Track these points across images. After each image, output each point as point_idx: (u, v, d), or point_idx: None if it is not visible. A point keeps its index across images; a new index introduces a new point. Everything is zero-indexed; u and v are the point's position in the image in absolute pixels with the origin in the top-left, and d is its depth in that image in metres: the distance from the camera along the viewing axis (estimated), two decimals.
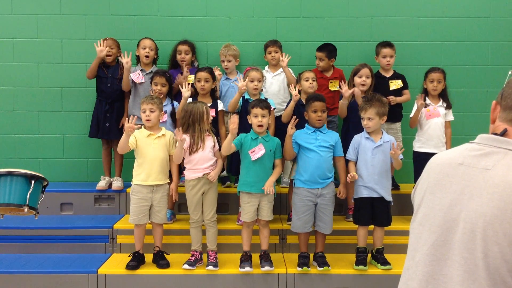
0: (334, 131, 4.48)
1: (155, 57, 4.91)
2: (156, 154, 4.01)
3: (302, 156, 4.01)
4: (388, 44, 4.83)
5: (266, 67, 4.98)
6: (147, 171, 3.99)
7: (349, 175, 3.91)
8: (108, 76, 4.84)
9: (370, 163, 3.92)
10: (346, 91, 4.34)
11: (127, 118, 3.95)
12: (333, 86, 4.80)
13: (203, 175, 4.00)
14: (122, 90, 4.84)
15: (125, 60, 4.60)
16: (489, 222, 1.30)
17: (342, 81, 4.49)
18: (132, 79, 4.74)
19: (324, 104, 4.02)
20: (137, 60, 4.87)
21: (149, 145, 4.01)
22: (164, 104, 4.44)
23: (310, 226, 3.99)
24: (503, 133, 1.41)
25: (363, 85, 4.47)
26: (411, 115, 4.58)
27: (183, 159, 4.05)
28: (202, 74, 4.48)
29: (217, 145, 4.12)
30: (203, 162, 4.00)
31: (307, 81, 4.45)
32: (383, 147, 3.94)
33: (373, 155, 3.92)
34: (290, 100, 4.42)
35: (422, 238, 1.46)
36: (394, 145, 3.88)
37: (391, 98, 4.67)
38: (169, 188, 4.14)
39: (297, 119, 3.94)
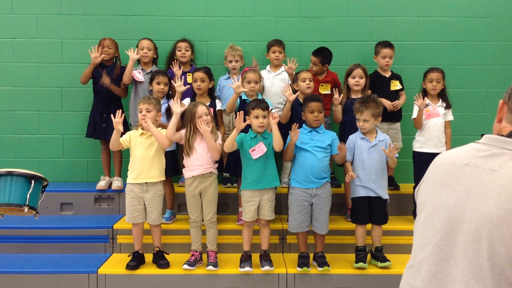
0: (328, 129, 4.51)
1: (155, 56, 4.92)
2: (147, 152, 4.01)
3: (297, 156, 4.01)
4: (388, 45, 4.82)
5: (268, 67, 4.97)
6: (138, 169, 4.00)
7: (347, 175, 3.92)
8: (104, 76, 4.84)
9: (366, 162, 3.93)
10: (335, 99, 4.33)
11: (114, 114, 3.95)
12: (323, 89, 4.79)
13: (201, 174, 4.00)
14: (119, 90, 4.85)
15: (131, 53, 4.66)
16: (496, 224, 1.30)
17: (336, 89, 4.48)
18: (133, 78, 4.76)
19: (321, 105, 4.02)
20: (138, 60, 4.88)
21: (140, 143, 4.03)
22: (162, 102, 4.47)
23: (307, 225, 3.99)
24: (510, 135, 1.41)
25: (356, 85, 4.47)
26: (414, 116, 4.55)
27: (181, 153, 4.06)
28: (198, 74, 4.48)
29: (219, 139, 4.09)
30: (197, 160, 4.00)
31: (304, 81, 4.45)
32: (379, 146, 3.95)
33: (369, 155, 3.93)
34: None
35: (426, 237, 1.46)
36: (390, 145, 3.88)
37: (396, 103, 4.70)
38: (162, 188, 4.11)
39: (298, 124, 3.94)
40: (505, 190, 1.31)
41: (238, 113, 3.87)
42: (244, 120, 3.86)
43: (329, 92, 4.78)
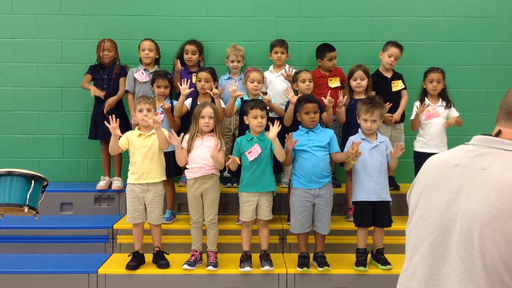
0: (336, 129, 4.51)
1: (157, 57, 4.91)
2: (146, 154, 4.00)
3: (297, 158, 4.00)
4: (398, 46, 4.78)
5: (271, 67, 4.97)
6: (139, 171, 4.00)
7: (355, 145, 3.78)
8: (104, 78, 4.85)
9: (368, 163, 3.92)
10: (340, 101, 4.31)
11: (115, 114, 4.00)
12: (333, 83, 4.80)
13: (201, 175, 3.99)
14: (118, 90, 4.86)
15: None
16: (486, 221, 1.30)
17: (341, 91, 4.49)
18: (135, 79, 4.77)
19: (316, 105, 4.01)
20: (140, 61, 4.88)
21: (139, 145, 4.02)
22: (165, 102, 4.50)
23: (308, 226, 3.99)
24: (498, 134, 1.43)
25: (358, 87, 4.48)
26: (412, 117, 4.58)
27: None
28: (203, 74, 4.48)
29: (220, 147, 4.05)
30: (197, 161, 3.99)
31: (303, 82, 4.45)
32: (380, 147, 3.96)
33: (370, 156, 3.93)
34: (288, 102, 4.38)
35: (419, 239, 1.47)
36: (396, 145, 3.87)
37: (394, 117, 4.67)
38: (163, 188, 4.11)
39: (292, 133, 3.94)
40: (494, 188, 1.32)
41: (231, 158, 3.88)
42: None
43: (339, 85, 4.79)
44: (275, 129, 3.82)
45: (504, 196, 1.29)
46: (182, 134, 4.03)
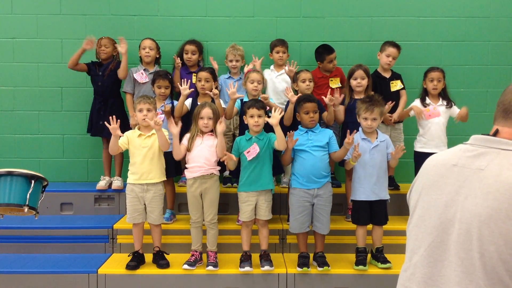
0: (336, 128, 4.50)
1: (157, 56, 4.91)
2: (147, 154, 4.00)
3: (296, 158, 4.01)
4: (396, 45, 4.79)
5: (272, 67, 4.97)
6: (139, 171, 4.00)
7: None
8: (99, 74, 4.84)
9: (368, 163, 3.92)
10: (336, 98, 4.31)
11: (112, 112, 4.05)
12: (334, 83, 4.81)
13: (201, 175, 4.00)
14: (114, 88, 4.86)
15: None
16: (485, 222, 1.30)
17: (338, 89, 4.48)
18: (135, 79, 4.76)
19: (316, 105, 4.02)
20: (140, 60, 4.88)
21: (139, 145, 4.02)
22: (166, 103, 4.52)
23: (307, 226, 3.99)
24: (495, 134, 1.43)
25: (359, 86, 4.49)
26: (405, 108, 4.62)
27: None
28: (203, 74, 4.48)
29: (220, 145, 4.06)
30: (197, 161, 4.00)
31: (304, 82, 4.45)
32: (380, 146, 3.96)
33: (370, 156, 3.93)
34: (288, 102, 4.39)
35: (419, 239, 1.47)
36: (397, 147, 3.88)
37: (394, 117, 4.66)
38: (163, 188, 4.11)
39: (293, 132, 3.94)
40: (492, 189, 1.32)
41: (227, 154, 3.89)
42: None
43: (340, 85, 4.79)
44: (277, 114, 3.81)
45: (502, 197, 1.29)
46: (180, 124, 4.05)
